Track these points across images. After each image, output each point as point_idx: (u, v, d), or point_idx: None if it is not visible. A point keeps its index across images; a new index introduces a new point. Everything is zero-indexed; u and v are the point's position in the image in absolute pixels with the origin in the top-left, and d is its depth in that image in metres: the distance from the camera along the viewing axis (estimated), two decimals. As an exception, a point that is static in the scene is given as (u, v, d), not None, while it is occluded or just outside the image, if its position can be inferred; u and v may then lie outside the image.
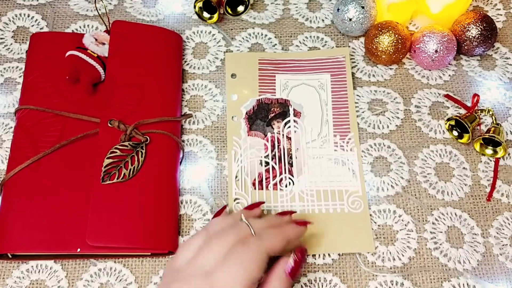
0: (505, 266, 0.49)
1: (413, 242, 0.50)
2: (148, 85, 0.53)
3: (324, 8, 0.63)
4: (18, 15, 0.60)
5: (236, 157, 0.53)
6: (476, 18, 0.57)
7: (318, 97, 0.56)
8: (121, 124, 0.50)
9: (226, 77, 0.57)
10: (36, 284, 0.47)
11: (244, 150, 0.53)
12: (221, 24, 0.61)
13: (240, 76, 0.57)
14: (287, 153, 0.53)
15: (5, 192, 0.48)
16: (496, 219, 0.51)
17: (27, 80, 0.53)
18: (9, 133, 0.54)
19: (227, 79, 0.57)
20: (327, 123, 0.55)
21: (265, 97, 0.56)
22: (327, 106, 0.56)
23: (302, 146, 0.54)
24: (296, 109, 0.56)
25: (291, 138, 0.54)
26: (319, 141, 0.54)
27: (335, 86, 0.57)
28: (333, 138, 0.54)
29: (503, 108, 0.57)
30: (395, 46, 0.56)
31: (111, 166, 0.48)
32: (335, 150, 0.54)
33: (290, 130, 0.55)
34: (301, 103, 0.56)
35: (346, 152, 0.54)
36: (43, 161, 0.49)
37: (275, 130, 0.54)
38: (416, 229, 0.51)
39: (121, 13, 0.61)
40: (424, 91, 0.58)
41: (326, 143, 0.54)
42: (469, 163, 0.54)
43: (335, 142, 0.54)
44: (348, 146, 0.54)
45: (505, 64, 0.60)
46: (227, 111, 0.55)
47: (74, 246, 0.46)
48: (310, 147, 0.54)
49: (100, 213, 0.46)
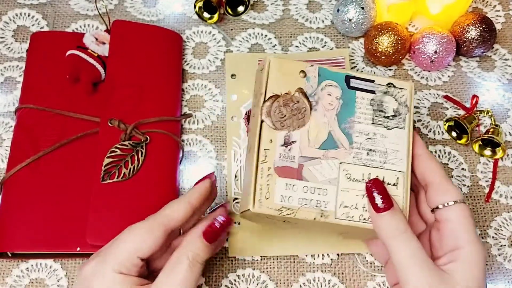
0: (503, 266, 0.49)
1: (412, 242, 0.50)
2: (148, 84, 0.53)
3: (324, 9, 0.63)
4: (18, 14, 0.60)
5: (236, 157, 0.53)
6: (476, 20, 0.57)
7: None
8: (121, 124, 0.50)
9: (226, 77, 0.57)
10: (35, 283, 0.47)
11: (244, 150, 0.53)
12: (221, 24, 0.61)
13: (240, 77, 0.57)
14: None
15: (5, 191, 0.48)
16: (494, 219, 0.52)
17: (27, 79, 0.54)
18: (9, 132, 0.54)
19: (227, 79, 0.57)
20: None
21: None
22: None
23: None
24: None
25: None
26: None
27: (335, 87, 0.57)
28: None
29: (502, 109, 0.57)
30: (394, 47, 0.56)
31: (111, 165, 0.48)
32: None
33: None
34: (301, 104, 0.56)
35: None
36: (43, 160, 0.49)
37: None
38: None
39: (122, 13, 0.61)
40: (423, 92, 0.58)
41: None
42: (468, 164, 0.54)
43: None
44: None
45: (504, 65, 0.60)
46: (227, 111, 0.55)
47: (73, 245, 0.46)
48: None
49: (100, 212, 0.46)
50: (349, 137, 0.41)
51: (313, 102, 0.41)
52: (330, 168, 0.40)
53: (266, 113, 0.39)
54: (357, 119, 0.41)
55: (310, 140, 0.40)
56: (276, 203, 0.38)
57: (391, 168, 0.41)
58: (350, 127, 0.41)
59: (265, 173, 0.38)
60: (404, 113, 0.42)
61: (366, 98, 0.42)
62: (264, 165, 0.39)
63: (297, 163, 0.39)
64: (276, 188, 0.38)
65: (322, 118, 0.41)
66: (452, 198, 0.40)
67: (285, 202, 0.38)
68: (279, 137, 0.39)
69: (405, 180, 0.41)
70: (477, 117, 0.55)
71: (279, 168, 0.39)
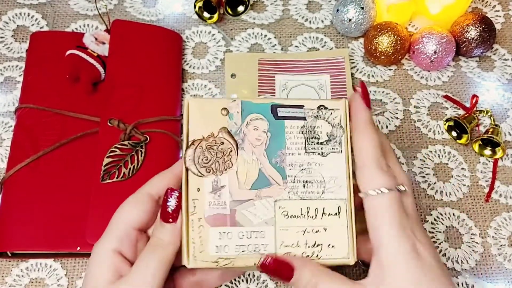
0: (503, 266, 0.49)
1: (412, 242, 0.50)
2: (148, 84, 0.53)
3: (323, 9, 0.63)
4: (18, 14, 0.60)
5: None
6: (475, 20, 0.57)
7: (318, 98, 0.56)
8: (121, 123, 0.50)
9: (225, 77, 0.57)
10: (35, 282, 0.47)
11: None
12: (221, 24, 0.61)
13: (239, 76, 0.57)
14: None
15: (5, 191, 0.48)
16: (494, 219, 0.52)
17: (27, 79, 0.54)
18: (9, 131, 0.54)
19: (226, 79, 0.57)
20: (326, 123, 0.55)
21: (264, 97, 0.56)
22: (326, 106, 0.56)
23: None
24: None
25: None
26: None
27: (335, 87, 0.57)
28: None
29: (501, 109, 0.57)
30: (394, 47, 0.56)
31: (111, 165, 0.48)
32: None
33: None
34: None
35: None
36: (43, 160, 0.49)
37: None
38: (415, 229, 0.51)
39: (121, 13, 0.61)
40: (423, 92, 0.58)
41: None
42: (468, 163, 0.54)
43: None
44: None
45: (504, 65, 0.60)
46: (227, 111, 0.55)
47: (73, 244, 0.46)
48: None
49: (100, 211, 0.46)
50: (281, 172, 0.38)
51: (239, 140, 0.38)
52: (265, 208, 0.37)
53: (190, 161, 0.37)
54: (288, 151, 0.38)
55: (239, 181, 0.37)
56: (211, 255, 0.35)
57: (331, 197, 0.38)
58: (281, 160, 0.38)
59: (196, 225, 0.36)
60: (339, 136, 0.39)
61: (296, 126, 0.39)
62: (194, 217, 0.36)
63: (229, 209, 0.37)
64: (210, 239, 0.36)
65: (250, 156, 0.38)
66: (375, 186, 0.35)
67: (221, 252, 0.36)
68: (206, 184, 0.37)
69: (348, 206, 0.38)
70: (476, 117, 0.55)
71: (210, 217, 0.36)
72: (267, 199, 0.37)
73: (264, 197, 0.37)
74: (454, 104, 0.57)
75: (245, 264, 0.36)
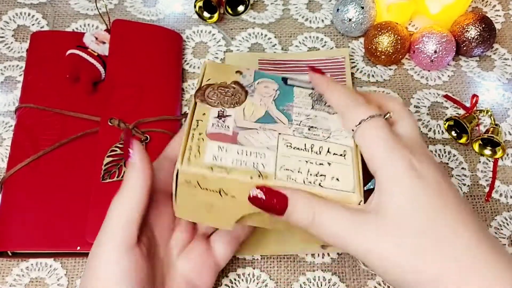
0: (503, 265, 0.49)
1: (412, 241, 0.50)
2: (148, 84, 0.53)
3: (323, 9, 0.63)
4: (18, 14, 0.61)
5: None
6: (475, 19, 0.57)
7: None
8: (121, 123, 0.50)
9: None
10: (35, 282, 0.47)
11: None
12: (221, 24, 0.61)
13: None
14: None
15: (5, 190, 0.48)
16: (494, 219, 0.52)
17: (27, 79, 0.54)
18: (9, 131, 0.54)
19: (227, 79, 0.57)
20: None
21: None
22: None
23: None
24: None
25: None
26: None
27: (335, 86, 0.57)
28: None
29: (501, 108, 0.57)
30: (394, 46, 0.56)
31: (111, 165, 0.48)
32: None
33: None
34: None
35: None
36: (43, 159, 0.49)
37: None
38: (415, 228, 0.51)
39: (122, 12, 0.61)
40: (423, 92, 0.58)
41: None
42: (468, 163, 0.54)
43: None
44: (348, 145, 0.54)
45: (504, 65, 0.60)
46: (227, 111, 0.55)
47: (74, 244, 0.46)
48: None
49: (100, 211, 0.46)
50: (288, 116, 0.38)
51: (249, 91, 0.39)
52: (267, 137, 0.36)
53: (200, 96, 0.37)
54: (296, 105, 0.39)
55: (245, 115, 0.37)
56: (206, 162, 0.33)
57: (337, 142, 0.36)
58: (288, 109, 0.38)
59: (196, 137, 0.35)
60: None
61: (304, 92, 0.39)
62: (195, 132, 0.35)
63: (232, 131, 0.36)
64: (207, 149, 0.34)
65: (258, 102, 0.38)
66: (357, 119, 0.35)
67: (217, 161, 0.33)
68: (213, 111, 0.37)
69: (354, 154, 0.36)
70: (477, 116, 0.55)
71: (211, 134, 0.35)
72: (271, 131, 0.36)
73: (268, 130, 0.36)
74: (454, 104, 0.57)
75: (240, 178, 0.33)
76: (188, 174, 0.33)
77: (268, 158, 0.34)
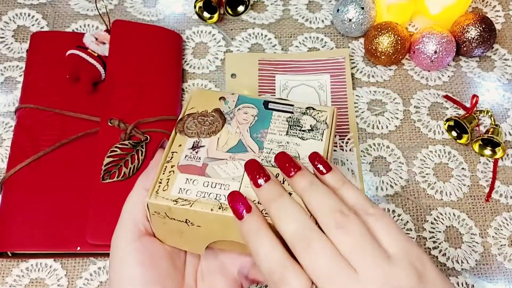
0: (503, 266, 0.49)
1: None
2: (148, 84, 0.53)
3: (323, 9, 0.63)
4: (18, 14, 0.61)
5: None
6: (475, 20, 0.57)
7: (318, 98, 0.56)
8: (121, 123, 0.50)
9: (226, 77, 0.58)
10: (35, 282, 0.47)
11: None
12: (221, 24, 0.61)
13: (240, 76, 0.57)
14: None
15: (5, 191, 0.48)
16: (494, 219, 0.52)
17: (27, 79, 0.54)
18: (9, 132, 0.54)
19: (227, 79, 0.57)
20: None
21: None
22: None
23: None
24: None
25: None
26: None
27: (335, 87, 0.57)
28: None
29: (501, 109, 0.57)
30: (394, 47, 0.56)
31: (111, 165, 0.48)
32: (334, 150, 0.54)
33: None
34: (301, 103, 0.56)
35: (345, 152, 0.54)
36: (43, 159, 0.49)
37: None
38: (415, 228, 0.51)
39: (122, 13, 0.61)
40: (423, 92, 0.58)
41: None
42: (468, 163, 0.54)
43: (335, 142, 0.54)
44: (348, 146, 0.54)
45: (504, 65, 0.60)
46: (227, 111, 0.55)
47: (74, 244, 0.46)
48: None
49: (100, 211, 0.46)
50: (259, 144, 0.39)
51: (228, 118, 0.40)
52: (235, 168, 0.37)
53: (179, 128, 0.39)
54: (271, 131, 0.40)
55: (219, 145, 0.39)
56: (172, 194, 0.36)
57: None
58: (262, 136, 0.39)
59: (168, 170, 0.37)
60: (322, 128, 0.40)
61: (282, 116, 0.41)
62: (168, 164, 0.37)
63: (202, 163, 0.37)
64: (176, 181, 0.36)
65: (234, 130, 0.40)
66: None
67: (182, 194, 0.36)
68: (188, 142, 0.39)
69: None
70: (477, 116, 0.55)
71: (182, 166, 0.37)
72: (239, 161, 0.38)
73: (238, 159, 0.38)
74: (454, 104, 0.57)
75: (202, 209, 0.35)
76: (156, 206, 0.36)
77: (232, 189, 0.36)
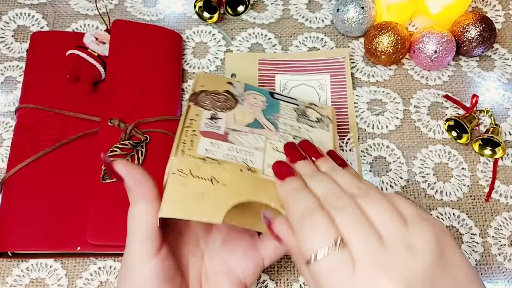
0: (503, 266, 0.49)
1: (412, 241, 0.50)
2: (148, 84, 0.53)
3: (324, 9, 0.63)
4: (18, 14, 0.61)
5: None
6: (475, 19, 0.57)
7: (318, 98, 0.56)
8: (121, 123, 0.50)
9: (226, 76, 0.57)
10: (36, 282, 0.47)
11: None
12: (221, 24, 0.61)
13: (240, 76, 0.57)
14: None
15: (5, 191, 0.48)
16: (494, 219, 0.52)
17: (27, 79, 0.54)
18: (9, 131, 0.54)
19: (227, 79, 0.57)
20: (326, 123, 0.55)
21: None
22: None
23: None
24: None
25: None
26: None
27: (335, 87, 0.57)
28: (333, 138, 0.54)
29: (501, 108, 0.57)
30: (394, 46, 0.56)
31: (111, 165, 0.48)
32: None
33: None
34: (301, 103, 0.56)
35: (345, 152, 0.54)
36: (43, 159, 0.49)
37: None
38: (415, 228, 0.51)
39: (122, 13, 0.61)
40: (423, 92, 0.58)
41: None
42: (468, 163, 0.54)
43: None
44: (348, 146, 0.54)
45: (504, 65, 0.60)
46: (227, 111, 0.55)
47: (74, 244, 0.46)
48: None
49: (100, 211, 0.46)
50: (274, 124, 0.41)
51: (239, 100, 0.42)
52: (256, 140, 0.39)
53: (193, 100, 0.40)
54: (282, 116, 0.42)
55: (236, 120, 0.40)
56: (199, 153, 0.35)
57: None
58: (275, 119, 0.42)
59: (190, 133, 0.37)
60: (326, 122, 0.43)
61: (290, 106, 0.43)
62: (188, 129, 0.37)
63: (223, 131, 0.38)
64: (200, 144, 0.36)
65: (248, 109, 0.41)
66: (310, 251, 0.30)
67: (209, 154, 0.36)
68: (205, 113, 0.39)
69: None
70: (477, 116, 0.55)
71: (204, 132, 0.38)
72: (259, 135, 0.39)
73: (257, 133, 0.39)
74: (454, 104, 0.57)
75: (231, 169, 0.35)
76: (181, 163, 0.35)
77: (256, 156, 0.37)
